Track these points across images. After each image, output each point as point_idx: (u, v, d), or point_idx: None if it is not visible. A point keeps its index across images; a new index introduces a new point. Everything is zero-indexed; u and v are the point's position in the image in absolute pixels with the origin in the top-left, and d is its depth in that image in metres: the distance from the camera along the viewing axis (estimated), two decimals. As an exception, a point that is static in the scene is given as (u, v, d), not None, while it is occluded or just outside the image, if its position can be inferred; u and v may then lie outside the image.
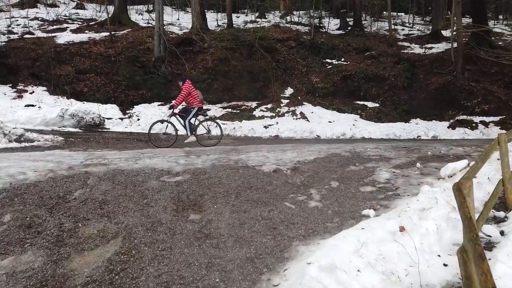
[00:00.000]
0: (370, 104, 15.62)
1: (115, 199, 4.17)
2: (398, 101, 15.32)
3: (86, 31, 18.48)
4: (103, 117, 12.65)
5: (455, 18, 16.18)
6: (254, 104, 16.09)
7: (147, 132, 8.38)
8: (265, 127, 13.87)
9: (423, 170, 5.06)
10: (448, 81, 14.82)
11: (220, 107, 15.87)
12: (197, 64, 16.72)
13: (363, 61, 17.74)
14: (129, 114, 13.83)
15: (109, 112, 13.65)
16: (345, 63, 17.81)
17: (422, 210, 3.42)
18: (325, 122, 14.45)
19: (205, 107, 16.06)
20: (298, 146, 7.47)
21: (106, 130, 12.10)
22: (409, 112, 14.71)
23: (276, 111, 15.54)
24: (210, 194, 4.39)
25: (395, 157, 5.98)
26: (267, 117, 15.19)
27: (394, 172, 5.02)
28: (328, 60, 18.10)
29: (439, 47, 19.11)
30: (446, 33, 22.91)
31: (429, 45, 19.60)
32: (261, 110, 15.71)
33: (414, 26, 26.06)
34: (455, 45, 15.92)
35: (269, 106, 15.86)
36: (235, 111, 15.54)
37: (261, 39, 17.69)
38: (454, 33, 22.71)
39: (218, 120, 9.38)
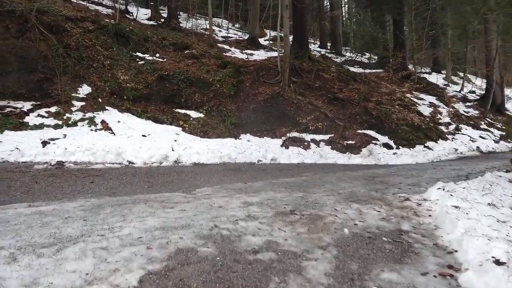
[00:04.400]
0: (193, 114, 12.67)
1: None
2: (226, 111, 12.95)
3: None
4: None
5: (280, 25, 15.05)
6: (28, 105, 10.75)
7: None
8: (44, 142, 9.05)
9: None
10: (276, 93, 13.42)
11: (-36, 108, 9.88)
12: None
13: (183, 60, 14.71)
14: None
15: None
16: (161, 59, 14.36)
17: None
18: (137, 136, 10.64)
19: None
20: (94, 203, 3.69)
21: None
22: (238, 125, 12.52)
23: (65, 117, 10.74)
24: None
25: (301, 252, 3.08)
26: (49, 126, 10.24)
27: None
28: (140, 54, 14.24)
29: (259, 54, 18.02)
30: (262, 40, 22.49)
31: (249, 51, 18.29)
32: (39, 115, 10.59)
33: (229, 30, 24.84)
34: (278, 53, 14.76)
35: (53, 109, 10.86)
36: (-8, 115, 9.90)
37: (41, 12, 12.29)
38: (271, 42, 22.47)
39: None
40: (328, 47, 27.33)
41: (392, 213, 4.31)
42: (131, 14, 19.13)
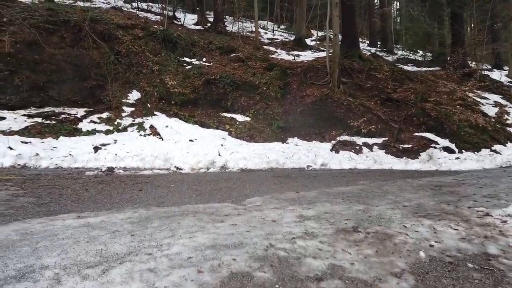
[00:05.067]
0: (239, 118, 12.47)
1: None
2: (272, 115, 12.61)
3: None
4: None
5: (328, 26, 14.48)
6: (81, 111, 11.09)
7: None
8: (96, 148, 9.24)
9: None
10: (325, 94, 12.85)
11: (25, 115, 10.35)
12: (-15, 46, 10.71)
13: (229, 64, 14.60)
14: None
15: None
16: (207, 64, 14.33)
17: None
18: (184, 141, 10.60)
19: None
20: (142, 215, 3.47)
21: None
22: (285, 129, 12.12)
23: (115, 123, 10.95)
24: None
25: (372, 280, 2.63)
26: (100, 131, 10.48)
27: None
28: (187, 59, 14.32)
29: (306, 55, 17.52)
30: (308, 41, 21.96)
31: (296, 52, 17.85)
32: (92, 121, 10.88)
33: (275, 31, 24.55)
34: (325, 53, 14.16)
35: (104, 115, 11.13)
36: (48, 122, 10.29)
37: (94, 21, 12.70)
38: (318, 42, 21.89)
39: None
40: (378, 46, 26.19)
41: (473, 231, 3.71)
42: (178, 20, 19.43)
